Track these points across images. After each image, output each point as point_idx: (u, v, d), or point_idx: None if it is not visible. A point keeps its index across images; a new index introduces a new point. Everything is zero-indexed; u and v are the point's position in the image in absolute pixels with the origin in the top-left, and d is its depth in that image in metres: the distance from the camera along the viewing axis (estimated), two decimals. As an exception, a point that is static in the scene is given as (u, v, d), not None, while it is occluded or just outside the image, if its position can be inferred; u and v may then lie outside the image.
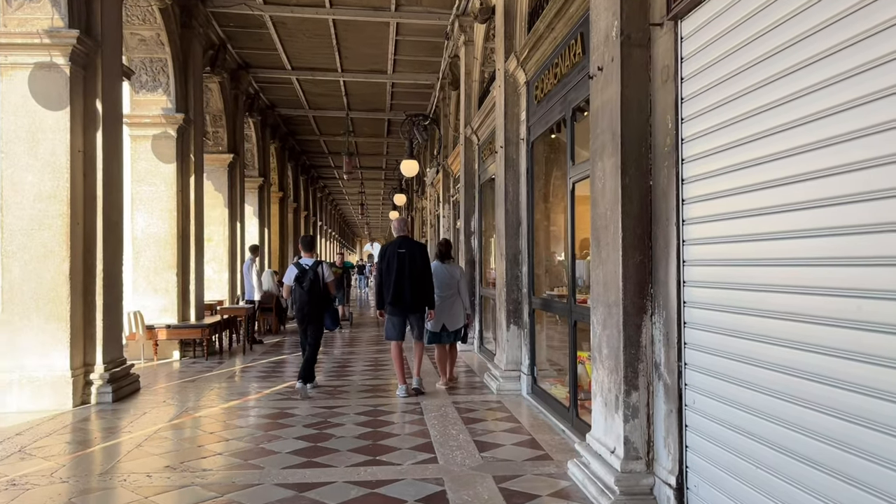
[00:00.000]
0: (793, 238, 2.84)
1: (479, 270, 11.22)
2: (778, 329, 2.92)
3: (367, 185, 32.63)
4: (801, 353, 2.77)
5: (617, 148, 4.14)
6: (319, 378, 8.70)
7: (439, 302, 8.08)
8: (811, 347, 2.71)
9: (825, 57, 2.62)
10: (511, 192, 7.83)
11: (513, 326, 7.78)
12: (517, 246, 7.80)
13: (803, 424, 2.75)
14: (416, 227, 28.14)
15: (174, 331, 10.24)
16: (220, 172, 14.29)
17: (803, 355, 2.76)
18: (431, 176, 18.30)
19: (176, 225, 10.60)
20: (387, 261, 7.52)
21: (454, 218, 14.79)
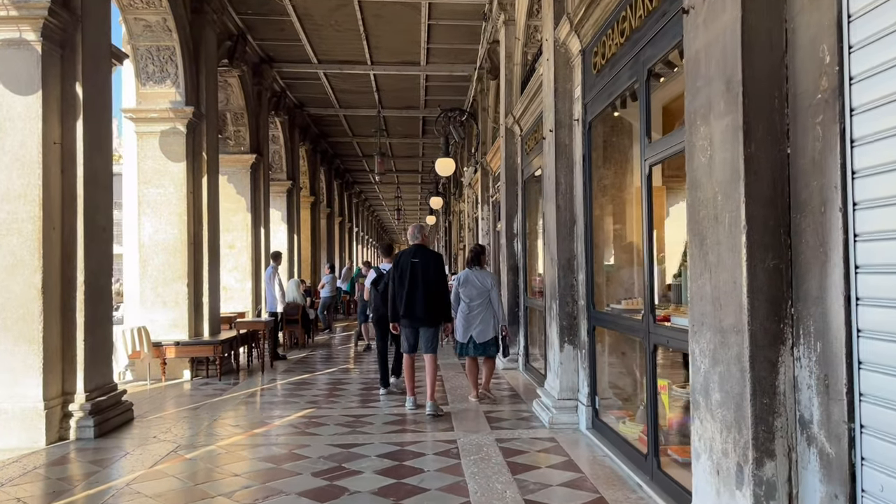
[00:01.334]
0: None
1: (523, 278, 9.94)
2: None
3: (403, 189, 31.58)
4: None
5: (735, 102, 2.84)
6: (337, 408, 7.54)
7: (468, 312, 7.55)
8: None
9: None
10: (563, 184, 6.55)
11: (567, 346, 6.48)
12: (571, 249, 6.51)
13: None
14: (453, 232, 26.98)
15: (184, 348, 9.21)
16: (241, 174, 13.31)
17: None
18: (469, 176, 17.08)
19: (187, 230, 9.58)
20: (399, 270, 7.08)
21: (494, 220, 13.52)
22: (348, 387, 8.77)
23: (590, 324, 6.11)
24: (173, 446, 5.79)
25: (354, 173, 29.87)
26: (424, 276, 7.00)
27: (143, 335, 8.80)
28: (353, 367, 10.61)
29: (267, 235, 14.15)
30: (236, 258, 13.20)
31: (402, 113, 17.89)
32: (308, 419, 6.84)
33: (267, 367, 10.60)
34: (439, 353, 12.16)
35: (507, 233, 10.31)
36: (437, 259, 7.33)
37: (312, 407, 7.49)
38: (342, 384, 9.03)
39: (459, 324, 7.68)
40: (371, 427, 6.48)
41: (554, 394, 6.53)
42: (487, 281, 7.64)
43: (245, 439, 6.09)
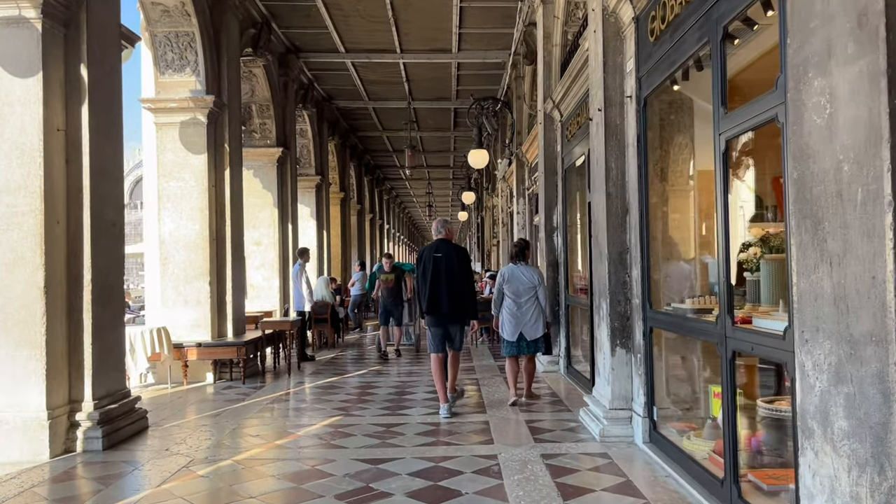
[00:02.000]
0: None
1: (563, 274, 9.26)
2: None
3: (434, 185, 31.02)
4: None
5: (872, 42, 2.16)
6: (367, 416, 6.98)
7: (516, 309, 7.17)
8: None
9: None
10: (614, 169, 5.87)
11: (620, 350, 5.81)
12: (623, 241, 5.83)
13: None
14: (486, 228, 26.34)
15: (206, 349, 8.74)
16: (268, 168, 12.85)
17: None
18: (503, 169, 16.41)
19: (208, 226, 9.11)
20: (423, 266, 6.92)
21: (530, 213, 12.85)
22: (378, 391, 8.21)
23: (646, 325, 5.43)
24: (186, 461, 5.27)
25: (385, 169, 29.40)
26: (448, 271, 6.77)
27: (163, 336, 8.35)
28: (384, 369, 10.06)
29: (295, 232, 13.68)
30: (263, 255, 12.76)
31: (432, 104, 17.29)
32: (335, 429, 6.29)
33: (294, 368, 10.10)
34: (475, 354, 11.70)
35: (545, 227, 9.64)
36: (462, 253, 7.06)
37: (340, 414, 6.95)
38: (372, 388, 8.47)
39: (506, 322, 7.29)
40: (402, 439, 5.89)
41: (605, 402, 5.86)
42: (535, 276, 7.31)
43: (265, 452, 5.55)
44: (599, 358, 6.17)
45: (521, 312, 7.20)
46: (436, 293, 6.77)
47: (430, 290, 6.77)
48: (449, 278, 6.79)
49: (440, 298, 6.77)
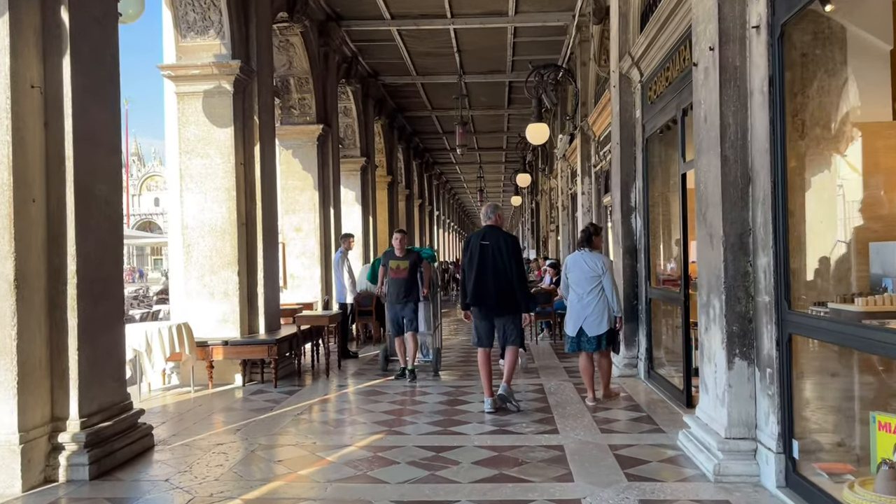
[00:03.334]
0: None
1: (644, 262, 7.87)
2: None
3: (485, 168, 29.70)
4: None
5: None
6: (412, 433, 5.80)
7: (576, 301, 6.58)
8: None
9: None
10: (732, 125, 4.49)
11: (739, 361, 4.45)
12: (745, 219, 4.46)
13: None
14: (541, 213, 24.91)
15: (233, 348, 7.72)
16: (307, 148, 11.80)
17: None
18: (563, 147, 14.99)
19: (236, 208, 8.06)
20: (469, 254, 6.53)
21: (597, 194, 11.46)
22: (427, 398, 7.03)
23: (782, 331, 4.07)
24: (185, 499, 4.18)
25: (434, 153, 28.21)
26: (495, 260, 6.32)
27: (185, 333, 7.35)
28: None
29: (337, 216, 12.62)
30: (303, 242, 11.74)
31: (485, 78, 15.95)
32: (374, 452, 5.12)
33: (334, 367, 9.02)
34: (535, 353, 10.38)
35: (621, 207, 8.25)
36: (511, 241, 6.58)
37: (382, 430, 5.79)
38: (420, 394, 7.30)
39: (568, 314, 6.75)
40: (456, 470, 4.67)
41: (718, 429, 4.52)
42: (598, 264, 6.56)
43: (284, 487, 4.42)
44: (707, 370, 4.82)
45: (581, 305, 6.53)
46: (482, 284, 6.33)
47: (476, 281, 6.35)
48: (496, 268, 6.32)
49: (486, 290, 6.33)
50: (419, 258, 8.39)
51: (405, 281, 8.12)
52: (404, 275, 8.14)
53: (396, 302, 8.13)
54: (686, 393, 6.23)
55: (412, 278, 8.19)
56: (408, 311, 8.11)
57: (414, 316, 8.14)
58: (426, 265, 8.50)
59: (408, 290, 8.12)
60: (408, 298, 8.11)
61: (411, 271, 8.18)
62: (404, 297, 8.10)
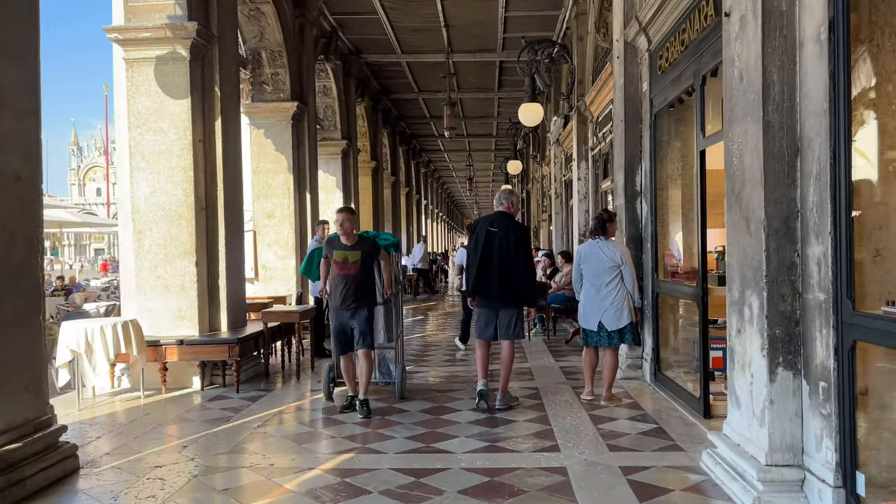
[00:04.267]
0: None
1: (651, 253, 7.07)
2: None
3: (475, 156, 28.85)
4: None
5: None
6: (389, 451, 4.96)
7: (594, 293, 6.16)
8: None
9: None
10: (777, 84, 3.67)
11: (783, 372, 3.65)
12: (792, 199, 3.65)
13: None
14: (532, 202, 24.13)
15: (189, 348, 6.85)
16: (281, 127, 10.91)
17: None
18: (556, 131, 14.16)
19: (194, 190, 7.18)
20: (475, 239, 6.17)
21: (595, 178, 10.64)
22: (408, 407, 6.20)
23: (842, 336, 3.27)
24: (97, 546, 3.34)
25: (422, 139, 27.32)
26: (502, 248, 5.95)
27: (133, 332, 6.48)
28: (418, 371, 8.05)
29: (315, 202, 11.74)
30: (276, 230, 10.87)
31: (475, 57, 15.06)
32: (341, 476, 4.30)
33: (307, 369, 8.17)
34: (528, 350, 9.59)
35: (625, 191, 7.44)
36: (521, 230, 6.25)
37: (353, 447, 4.96)
38: (400, 399, 6.47)
39: (584, 308, 6.31)
40: (439, 500, 3.86)
41: (756, 453, 3.73)
42: (617, 254, 6.16)
43: (226, 527, 3.58)
44: (740, 380, 4.02)
45: (600, 297, 6.12)
46: (486, 272, 5.98)
47: (479, 269, 6.00)
48: (503, 258, 5.95)
49: (490, 278, 5.98)
50: (375, 247, 6.20)
51: (355, 279, 5.93)
52: (354, 270, 5.93)
53: (343, 307, 5.92)
54: (703, 401, 5.44)
55: (366, 275, 6.06)
56: (359, 319, 5.91)
57: (367, 327, 5.97)
58: (385, 256, 6.35)
59: (359, 292, 5.96)
60: (359, 303, 5.93)
61: (364, 266, 6.02)
62: (354, 301, 5.90)
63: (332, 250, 6.05)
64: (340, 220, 5.98)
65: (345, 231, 5.99)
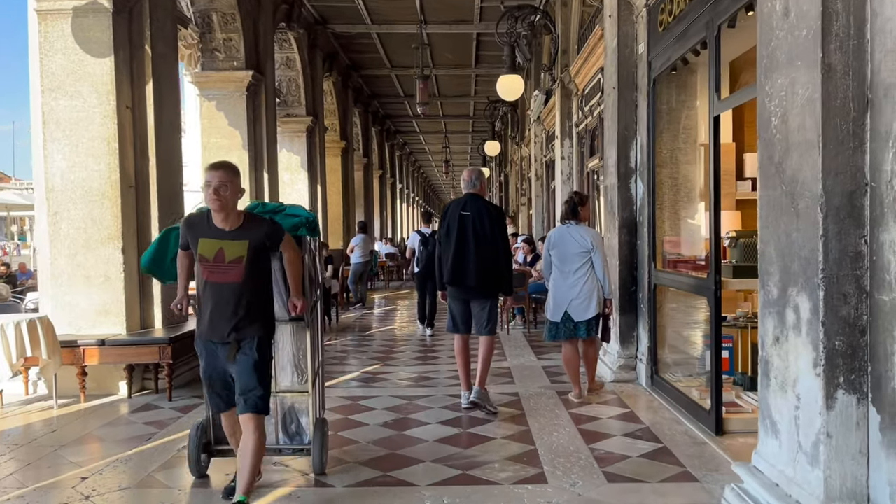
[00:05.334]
0: None
1: (647, 238, 6.20)
2: None
3: (451, 138, 27.84)
4: None
5: None
6: (337, 484, 4.02)
7: (560, 281, 5.74)
8: None
9: None
10: (841, 15, 2.77)
11: (844, 397, 2.79)
12: (859, 167, 2.77)
13: None
14: (511, 186, 23.26)
15: (112, 350, 5.86)
16: (234, 99, 9.85)
17: None
18: (537, 108, 13.25)
19: (119, 165, 6.15)
20: (446, 225, 5.62)
21: (581, 157, 9.76)
22: (368, 418, 5.28)
23: (939, 354, 2.40)
24: None
25: (396, 120, 26.26)
26: (477, 234, 5.47)
27: (42, 331, 5.47)
28: (386, 370, 7.14)
29: (273, 182, 10.70)
30: (230, 213, 9.81)
31: (450, 29, 14.06)
32: (271, 521, 3.35)
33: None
34: (507, 345, 8.70)
35: (617, 169, 6.54)
36: (496, 212, 5.71)
37: (295, 478, 4.03)
38: (359, 409, 5.55)
39: (550, 297, 5.86)
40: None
41: (807, 501, 2.87)
42: (587, 239, 5.72)
43: None
44: (779, 403, 3.15)
45: (567, 285, 5.70)
46: (461, 261, 5.45)
47: (455, 257, 5.45)
48: (479, 243, 5.44)
49: (466, 268, 5.45)
50: (274, 231, 3.56)
51: (238, 288, 3.45)
52: (235, 276, 3.43)
53: (216, 337, 3.46)
54: (715, 415, 4.59)
55: (257, 280, 3.52)
56: (243, 363, 3.45)
57: (259, 376, 3.45)
58: (289, 245, 3.67)
59: (246, 314, 3.45)
60: (243, 331, 3.46)
61: (253, 264, 3.47)
62: (235, 329, 3.44)
63: (198, 237, 3.46)
64: (219, 181, 3.36)
65: (222, 203, 3.38)
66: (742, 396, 5.09)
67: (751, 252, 4.84)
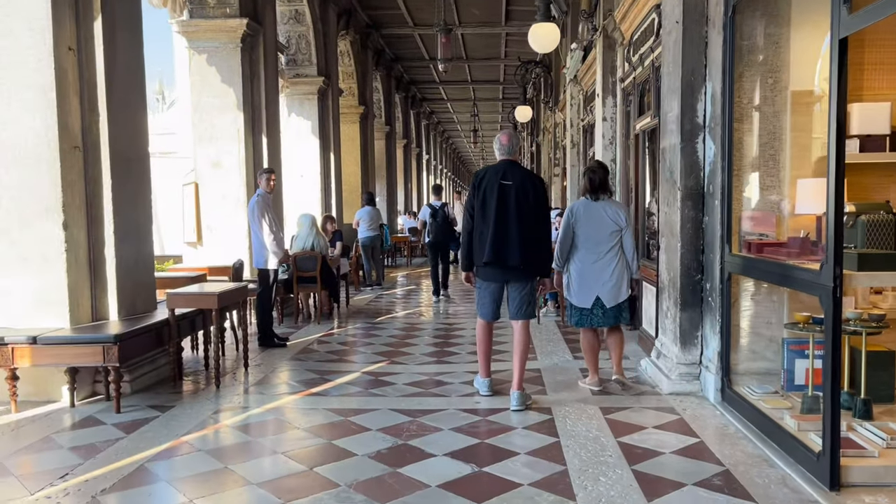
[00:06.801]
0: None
1: (720, 214, 4.84)
2: None
3: (480, 106, 26.33)
4: None
5: None
6: None
7: (591, 262, 5.12)
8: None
9: None
10: None
11: None
12: None
13: None
14: (543, 157, 21.79)
15: (48, 349, 4.73)
16: (228, 52, 8.62)
17: None
18: (574, 65, 11.76)
19: (57, 121, 4.97)
20: (482, 197, 4.86)
21: (626, 117, 8.34)
22: (358, 444, 4.09)
23: None
24: None
25: (422, 86, 24.81)
26: (521, 207, 4.81)
27: (-46, 327, 4.36)
28: (392, 371, 5.95)
29: (274, 148, 9.48)
30: (223, 182, 8.70)
31: (477, -22, 12.60)
32: None
33: (235, 370, 6.09)
34: (536, 337, 7.39)
35: (680, 126, 5.16)
36: (540, 183, 5.06)
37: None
38: (349, 432, 4.36)
39: (576, 280, 5.25)
40: None
41: None
42: (622, 216, 5.24)
43: None
44: None
45: (597, 267, 5.18)
46: (502, 238, 4.85)
47: (495, 233, 4.85)
48: (522, 218, 4.85)
49: (508, 245, 4.86)
50: None
51: None
52: None
53: None
54: (830, 462, 3.29)
55: None
56: None
57: None
58: None
59: None
60: None
61: None
62: None
63: None
64: None
65: None
66: (855, 428, 3.77)
67: (879, 233, 3.49)
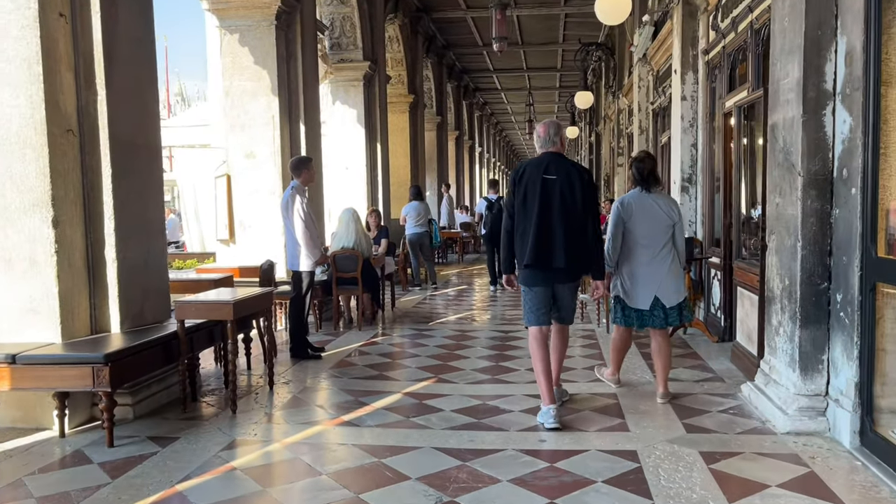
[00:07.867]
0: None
1: (860, 206, 3.75)
2: None
3: (535, 95, 25.14)
4: None
5: None
6: None
7: (648, 259, 4.77)
8: None
9: None
10: None
11: None
12: None
13: None
14: (603, 148, 20.57)
15: (29, 370, 3.99)
16: (261, 30, 7.85)
17: None
18: (643, 43, 10.58)
19: (45, 100, 4.22)
20: (523, 192, 4.44)
21: (713, 95, 7.19)
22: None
23: None
24: None
25: (475, 76, 23.80)
26: (566, 204, 4.34)
27: (-84, 344, 3.64)
28: (439, 392, 5.05)
29: (314, 136, 8.67)
30: (256, 174, 7.93)
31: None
32: None
33: (259, 388, 5.27)
34: (604, 346, 6.50)
35: (803, 93, 4.06)
36: (587, 177, 4.54)
37: None
38: (379, 482, 3.47)
39: (635, 280, 4.77)
40: None
41: None
42: (675, 210, 4.84)
43: None
44: None
45: (654, 265, 4.74)
46: (547, 238, 4.32)
47: (538, 233, 4.31)
48: (568, 216, 4.33)
49: (552, 246, 4.33)
50: None
51: None
52: None
53: None
54: None
55: None
56: None
57: None
58: None
59: None
60: None
61: None
62: None
63: None
64: None
65: None
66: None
67: None
